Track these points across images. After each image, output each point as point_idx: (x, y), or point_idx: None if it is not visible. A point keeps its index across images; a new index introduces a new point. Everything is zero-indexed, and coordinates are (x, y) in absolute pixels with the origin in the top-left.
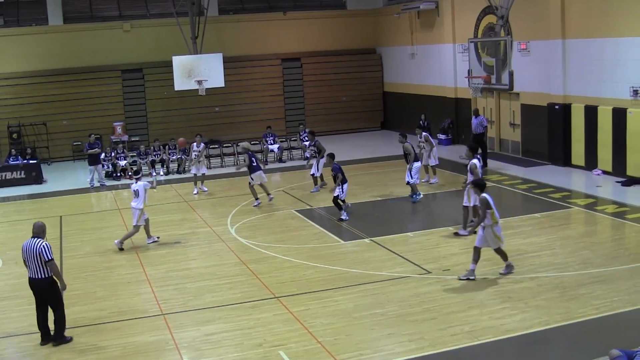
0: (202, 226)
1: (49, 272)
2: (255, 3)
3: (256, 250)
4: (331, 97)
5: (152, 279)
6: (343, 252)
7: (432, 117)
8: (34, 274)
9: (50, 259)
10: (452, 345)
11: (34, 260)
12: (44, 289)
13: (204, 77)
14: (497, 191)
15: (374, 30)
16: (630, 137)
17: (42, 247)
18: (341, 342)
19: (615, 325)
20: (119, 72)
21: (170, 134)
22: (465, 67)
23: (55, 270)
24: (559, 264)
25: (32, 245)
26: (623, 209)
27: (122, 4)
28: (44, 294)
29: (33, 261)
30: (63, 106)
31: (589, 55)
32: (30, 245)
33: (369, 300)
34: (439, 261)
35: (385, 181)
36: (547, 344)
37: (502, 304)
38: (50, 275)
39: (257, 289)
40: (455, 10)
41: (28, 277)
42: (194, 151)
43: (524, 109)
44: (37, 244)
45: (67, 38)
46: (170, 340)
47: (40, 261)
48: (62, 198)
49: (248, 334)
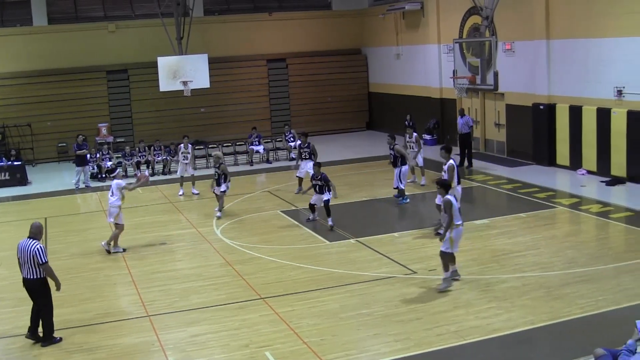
0: (187, 227)
1: (41, 273)
2: (241, 4)
3: (242, 251)
4: (317, 97)
5: (138, 280)
6: (329, 253)
7: (418, 117)
8: (27, 274)
9: (44, 262)
10: (438, 345)
11: (28, 260)
12: (36, 290)
13: (189, 78)
14: (482, 191)
15: (359, 30)
16: (614, 137)
17: (37, 249)
18: (327, 343)
19: (600, 325)
20: (104, 72)
21: (155, 135)
22: (450, 68)
23: (49, 272)
24: (544, 263)
25: (27, 245)
26: (607, 209)
27: (107, 5)
28: (34, 295)
29: (27, 262)
30: (48, 107)
31: (574, 55)
32: (26, 245)
33: (355, 301)
34: (424, 261)
35: (371, 181)
36: (533, 344)
37: (488, 304)
38: (43, 277)
39: (242, 289)
40: (440, 10)
41: (22, 277)
42: (182, 152)
43: (509, 109)
44: (32, 245)
45: (52, 39)
46: (156, 341)
47: (34, 262)
48: (47, 199)
49: (234, 335)
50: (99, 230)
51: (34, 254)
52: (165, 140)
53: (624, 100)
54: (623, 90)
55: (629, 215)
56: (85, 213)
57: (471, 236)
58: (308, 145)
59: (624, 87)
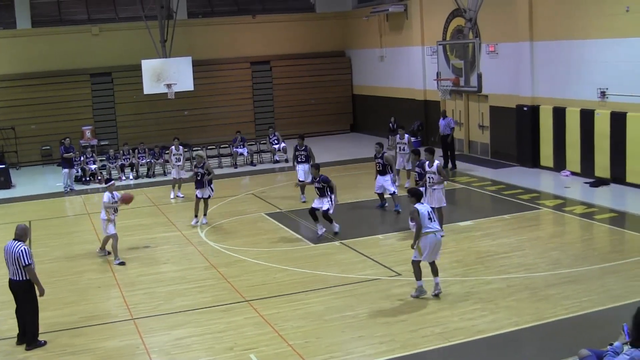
0: (172, 230)
1: (26, 275)
2: (225, 7)
3: (226, 253)
4: (301, 100)
5: (122, 283)
6: (313, 255)
7: (402, 119)
8: (13, 276)
9: (27, 264)
10: (423, 346)
11: (13, 262)
12: (21, 292)
13: (173, 80)
14: (467, 193)
15: (343, 33)
16: (598, 139)
17: (21, 251)
18: (312, 345)
19: (585, 325)
20: (88, 75)
21: (139, 137)
22: (434, 70)
23: (32, 275)
24: (528, 264)
25: (12, 247)
26: (591, 210)
27: (91, 8)
28: (19, 296)
29: (12, 263)
30: (31, 110)
31: (557, 57)
32: (11, 247)
33: (339, 303)
34: (409, 263)
35: (355, 183)
36: (518, 345)
37: (473, 305)
38: (28, 279)
39: (227, 292)
40: (424, 12)
41: (8, 279)
42: (174, 155)
43: (493, 110)
44: (17, 247)
45: (36, 42)
46: (140, 344)
47: (19, 264)
48: (31, 203)
49: (219, 337)
50: (83, 233)
51: (18, 256)
52: (149, 143)
53: (608, 101)
54: (606, 92)
55: (613, 216)
56: (69, 216)
57: (455, 238)
58: (305, 148)
59: (607, 89)
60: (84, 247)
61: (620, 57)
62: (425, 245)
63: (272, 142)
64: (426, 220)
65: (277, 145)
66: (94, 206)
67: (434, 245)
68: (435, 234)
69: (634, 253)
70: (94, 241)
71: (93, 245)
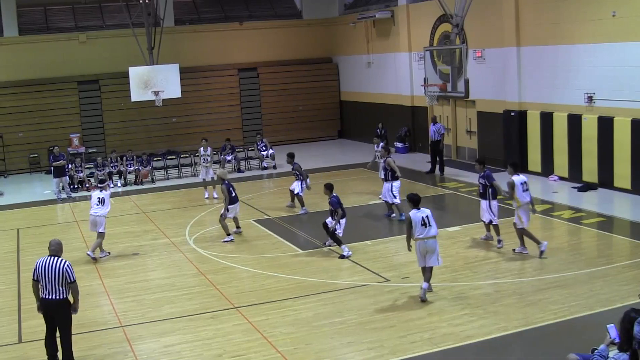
0: (160, 237)
1: (67, 293)
2: (212, 13)
3: (215, 260)
4: (288, 106)
5: (111, 290)
6: (302, 261)
7: (389, 125)
8: (52, 295)
9: (74, 280)
10: (412, 352)
11: (56, 280)
12: (61, 312)
13: (160, 87)
14: (455, 198)
15: (330, 39)
16: (585, 143)
17: (68, 266)
18: (301, 352)
19: (573, 330)
20: (75, 83)
21: (127, 145)
22: (421, 75)
23: (77, 292)
24: (516, 270)
25: (55, 263)
26: (579, 214)
27: (78, 15)
28: (59, 318)
29: (54, 281)
30: (19, 118)
31: (544, 62)
32: (53, 263)
33: (328, 309)
34: (397, 269)
35: (343, 189)
36: (506, 350)
37: (461, 311)
38: (66, 298)
39: (216, 299)
40: (410, 18)
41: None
42: (202, 156)
43: (480, 116)
44: (61, 263)
45: (23, 49)
46: (129, 352)
47: (63, 281)
48: (19, 211)
49: (207, 344)
50: (72, 241)
51: (65, 271)
52: (137, 150)
53: (595, 106)
54: (593, 97)
55: (600, 221)
56: (58, 224)
57: (443, 243)
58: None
59: (594, 93)
60: (72, 255)
61: (607, 62)
62: (416, 251)
63: (260, 148)
64: (418, 227)
65: (265, 152)
66: (82, 213)
67: (422, 250)
68: (425, 240)
69: (621, 257)
70: (82, 249)
71: (81, 253)
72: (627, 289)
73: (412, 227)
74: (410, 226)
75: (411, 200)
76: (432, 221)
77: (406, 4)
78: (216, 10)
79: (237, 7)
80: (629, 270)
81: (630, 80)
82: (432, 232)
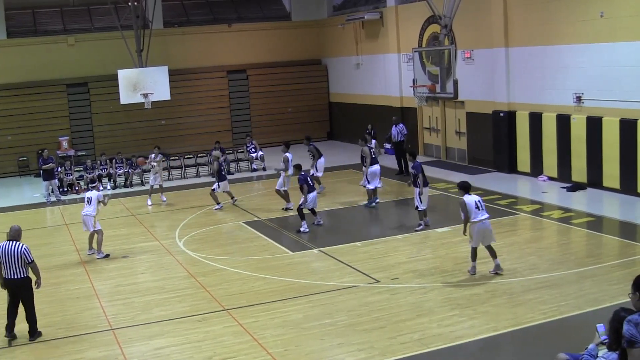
0: (150, 240)
1: (27, 272)
2: (201, 16)
3: (204, 262)
4: (277, 108)
5: (101, 293)
6: (291, 263)
7: (378, 126)
8: (11, 275)
9: (32, 260)
10: (402, 353)
11: (14, 261)
12: (23, 289)
13: (149, 90)
14: (444, 199)
15: (319, 41)
16: (574, 143)
17: (25, 249)
18: (291, 353)
19: (563, 330)
20: (64, 86)
21: (116, 147)
22: (410, 77)
23: (37, 270)
24: (506, 270)
25: (11, 247)
26: (568, 214)
27: (67, 18)
28: (21, 294)
29: (12, 263)
30: (7, 121)
31: (533, 62)
32: (10, 247)
33: (318, 311)
34: (387, 270)
35: (333, 191)
36: (496, 350)
37: (451, 311)
38: (27, 276)
39: (206, 301)
40: (399, 20)
41: (4, 279)
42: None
43: (469, 117)
44: (17, 246)
45: (11, 53)
46: (119, 355)
47: (21, 262)
48: (8, 214)
49: (197, 347)
50: (60, 244)
51: (22, 253)
52: (126, 152)
53: (583, 106)
54: (582, 97)
55: (590, 221)
56: (47, 227)
57: (433, 244)
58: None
59: (583, 94)
60: (62, 258)
61: (595, 62)
62: (472, 233)
63: (249, 150)
64: (473, 210)
65: (254, 153)
66: (72, 217)
67: (481, 232)
68: (483, 221)
69: (610, 257)
70: (72, 252)
71: (71, 256)
72: (616, 289)
73: (468, 211)
74: (466, 210)
75: (462, 187)
76: (483, 205)
77: (395, 5)
78: (205, 12)
79: (226, 9)
80: (618, 269)
81: (618, 80)
82: (486, 214)
